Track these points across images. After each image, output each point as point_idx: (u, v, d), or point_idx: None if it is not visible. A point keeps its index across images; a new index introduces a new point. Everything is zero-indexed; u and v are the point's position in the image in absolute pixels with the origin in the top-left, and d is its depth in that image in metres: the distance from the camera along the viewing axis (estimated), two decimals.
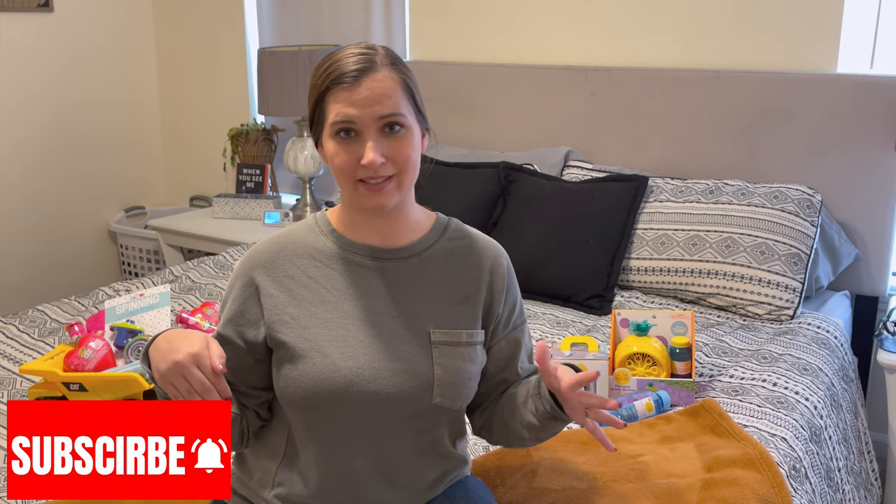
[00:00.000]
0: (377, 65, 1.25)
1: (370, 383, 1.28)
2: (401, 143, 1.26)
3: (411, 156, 1.27)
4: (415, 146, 1.28)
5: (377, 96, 1.24)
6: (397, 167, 1.26)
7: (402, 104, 1.26)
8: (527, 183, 2.77)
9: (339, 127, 1.25)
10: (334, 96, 1.25)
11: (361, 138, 1.25)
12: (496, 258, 1.40)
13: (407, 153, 1.26)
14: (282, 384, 1.30)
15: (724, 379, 2.05)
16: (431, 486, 1.38)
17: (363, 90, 1.24)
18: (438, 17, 3.32)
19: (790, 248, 2.43)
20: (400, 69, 1.28)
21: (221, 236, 3.40)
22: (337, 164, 1.26)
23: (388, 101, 1.24)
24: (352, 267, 1.33)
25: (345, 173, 1.26)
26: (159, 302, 2.00)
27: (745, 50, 2.75)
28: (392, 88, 1.25)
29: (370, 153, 1.23)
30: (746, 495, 1.52)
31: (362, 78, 1.24)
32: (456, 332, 1.33)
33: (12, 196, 3.67)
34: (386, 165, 1.25)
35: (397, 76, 1.27)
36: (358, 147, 1.25)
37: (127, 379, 1.81)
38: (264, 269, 1.33)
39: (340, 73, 1.25)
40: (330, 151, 1.27)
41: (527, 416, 1.34)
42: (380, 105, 1.24)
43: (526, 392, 1.37)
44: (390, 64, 1.27)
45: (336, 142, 1.26)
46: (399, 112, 1.25)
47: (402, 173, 1.27)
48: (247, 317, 1.32)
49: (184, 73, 4.09)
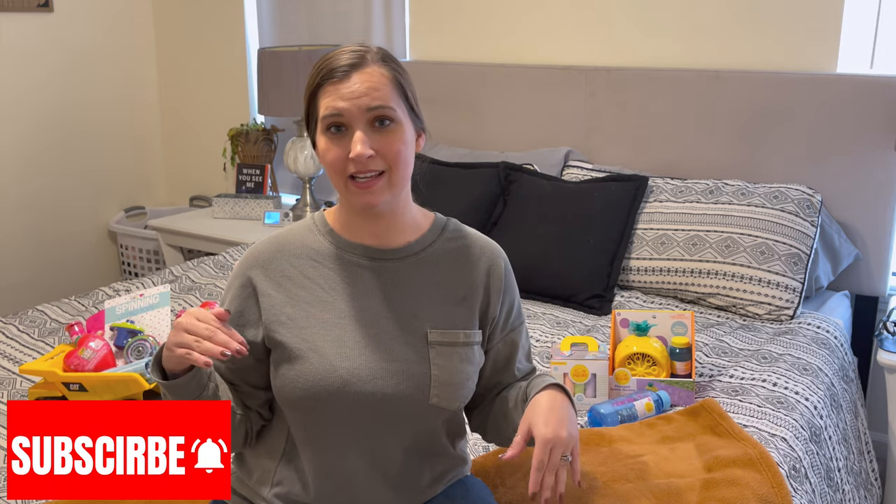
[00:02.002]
0: (367, 61, 1.26)
1: (367, 383, 1.28)
2: (390, 137, 1.25)
3: (401, 151, 1.26)
4: (405, 141, 1.27)
5: (366, 89, 1.24)
6: (387, 162, 1.25)
7: (392, 98, 1.26)
8: (527, 183, 2.77)
9: (329, 121, 1.25)
10: (325, 91, 1.25)
11: (351, 133, 1.25)
12: (494, 259, 1.39)
13: (397, 148, 1.26)
14: (279, 384, 1.30)
15: (724, 379, 2.05)
16: (430, 485, 1.38)
17: (352, 83, 1.24)
18: (438, 17, 3.32)
19: (790, 248, 2.43)
20: (391, 66, 1.29)
21: (221, 236, 3.40)
22: (328, 160, 1.26)
23: (376, 93, 1.24)
24: (349, 267, 1.33)
25: (335, 169, 1.26)
26: (159, 302, 2.00)
27: (745, 50, 2.75)
28: (381, 83, 1.25)
29: (358, 145, 1.23)
30: (746, 495, 1.52)
31: (352, 73, 1.24)
32: (453, 333, 1.33)
33: (12, 196, 3.67)
34: (375, 160, 1.24)
35: (388, 72, 1.27)
36: (347, 142, 1.24)
37: (127, 379, 1.81)
38: (262, 269, 1.33)
39: (331, 68, 1.25)
40: (322, 148, 1.27)
41: (517, 420, 1.34)
42: (367, 97, 1.24)
43: (516, 396, 1.38)
44: (381, 60, 1.28)
45: (327, 137, 1.26)
46: (388, 105, 1.25)
47: (392, 169, 1.26)
48: (246, 317, 1.32)
49: (184, 72, 4.09)
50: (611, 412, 1.83)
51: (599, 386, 1.92)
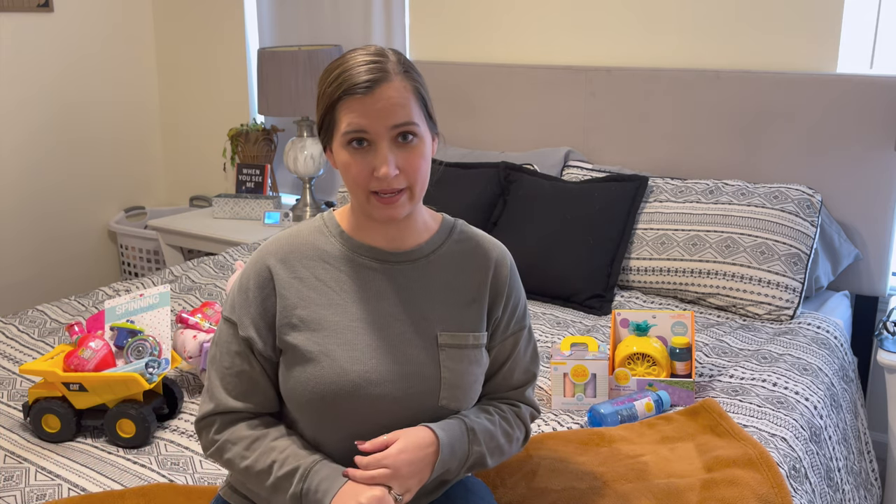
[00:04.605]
0: (390, 73, 1.24)
1: (377, 386, 1.28)
2: (413, 153, 1.26)
3: (422, 167, 1.27)
4: (426, 156, 1.28)
5: (391, 107, 1.23)
6: (409, 181, 1.26)
7: (415, 113, 1.26)
8: (527, 183, 2.77)
9: (351, 137, 1.24)
10: (346, 105, 1.24)
11: (374, 147, 1.24)
12: (500, 259, 1.40)
13: (418, 165, 1.26)
14: (289, 386, 1.30)
15: (724, 379, 2.05)
16: (436, 487, 1.38)
17: (376, 100, 1.23)
18: (438, 17, 3.32)
19: (790, 248, 2.43)
20: (413, 76, 1.28)
21: (221, 236, 3.40)
22: (352, 174, 1.26)
23: (401, 111, 1.24)
24: (360, 269, 1.33)
25: (359, 184, 1.26)
26: (159, 302, 2.00)
27: (745, 50, 2.75)
28: (405, 98, 1.25)
29: (383, 167, 1.23)
30: (746, 495, 1.52)
31: (375, 88, 1.23)
32: (462, 335, 1.33)
33: (12, 196, 3.67)
34: (399, 178, 1.25)
35: (410, 84, 1.26)
36: (371, 157, 1.24)
37: (127, 379, 1.81)
38: (281, 263, 1.32)
39: (353, 83, 1.23)
40: (343, 161, 1.27)
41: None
42: (393, 116, 1.23)
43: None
44: (403, 72, 1.26)
45: (349, 151, 1.25)
46: (412, 121, 1.25)
47: (413, 186, 1.27)
48: (266, 320, 1.31)
49: (184, 73, 4.09)
50: (611, 412, 1.83)
51: (599, 386, 1.92)
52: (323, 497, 1.22)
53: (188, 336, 2.02)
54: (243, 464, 1.28)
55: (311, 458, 1.27)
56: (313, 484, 1.23)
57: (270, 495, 1.27)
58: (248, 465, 1.28)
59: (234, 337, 1.32)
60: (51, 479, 1.65)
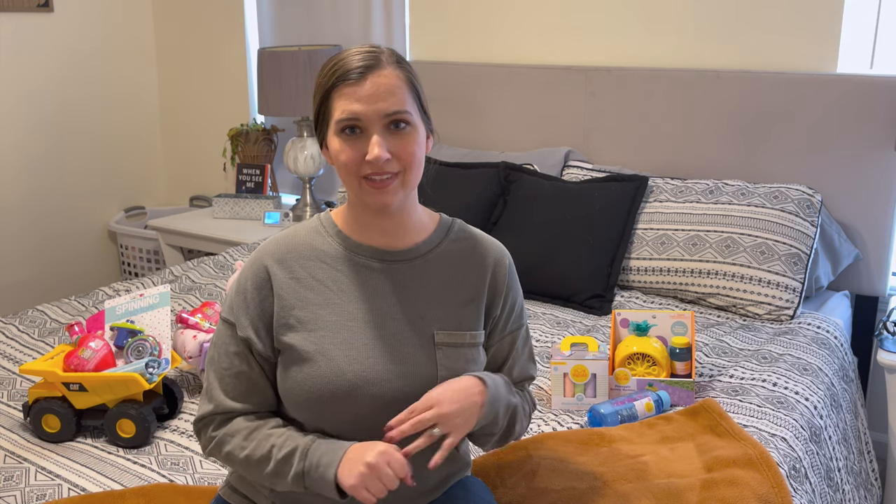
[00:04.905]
0: (382, 62, 1.26)
1: (374, 386, 1.28)
2: (406, 140, 1.26)
3: (416, 153, 1.27)
4: (420, 144, 1.28)
5: (382, 93, 1.24)
6: (402, 165, 1.26)
7: (408, 102, 1.26)
8: (527, 183, 2.77)
9: (344, 124, 1.25)
10: (339, 93, 1.25)
11: (366, 135, 1.25)
12: (499, 258, 1.40)
13: (412, 150, 1.26)
14: (286, 386, 1.30)
15: (724, 379, 2.05)
16: (435, 488, 1.38)
17: (368, 86, 1.24)
18: (438, 17, 3.32)
19: (790, 248, 2.43)
20: (405, 68, 1.29)
21: (221, 236, 3.40)
22: (342, 160, 1.26)
23: (393, 98, 1.25)
24: (357, 269, 1.33)
25: (349, 170, 1.26)
26: (159, 302, 2.00)
27: (745, 50, 2.75)
28: (397, 86, 1.26)
29: (376, 148, 1.23)
30: (746, 495, 1.52)
31: (368, 74, 1.24)
32: (459, 334, 1.34)
33: (12, 196, 3.67)
34: (391, 162, 1.25)
35: (402, 74, 1.27)
36: (363, 144, 1.25)
37: (127, 379, 1.81)
38: (279, 264, 1.33)
39: (345, 69, 1.25)
40: (335, 149, 1.27)
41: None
42: (385, 102, 1.24)
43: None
44: (395, 62, 1.28)
45: (341, 139, 1.26)
46: (405, 109, 1.25)
47: (406, 171, 1.27)
48: (264, 321, 1.31)
49: (184, 72, 4.09)
50: (611, 412, 1.83)
51: (599, 386, 1.92)
52: (325, 470, 1.22)
53: (188, 336, 2.02)
54: (243, 454, 1.28)
55: (308, 437, 1.26)
56: (314, 459, 1.23)
57: (273, 481, 1.27)
58: (247, 454, 1.27)
59: (233, 338, 1.32)
60: (51, 479, 1.65)
